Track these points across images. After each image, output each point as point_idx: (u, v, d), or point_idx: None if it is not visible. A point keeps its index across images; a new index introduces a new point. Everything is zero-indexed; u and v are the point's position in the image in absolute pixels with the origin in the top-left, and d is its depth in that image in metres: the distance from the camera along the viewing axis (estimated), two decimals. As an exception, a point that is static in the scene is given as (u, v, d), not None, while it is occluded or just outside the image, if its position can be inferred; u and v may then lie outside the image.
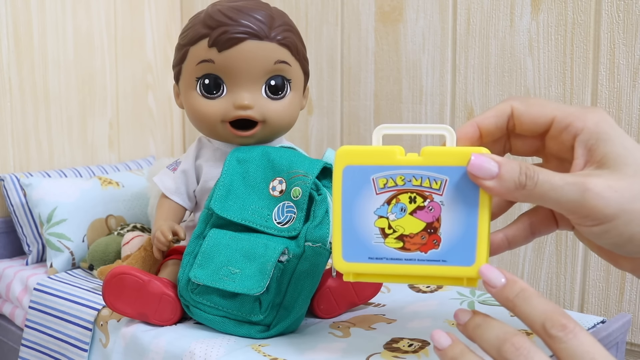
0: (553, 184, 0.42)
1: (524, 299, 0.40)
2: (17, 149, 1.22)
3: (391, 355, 0.64)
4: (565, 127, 0.45)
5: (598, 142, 0.44)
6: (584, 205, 0.42)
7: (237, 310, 0.70)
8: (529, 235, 0.51)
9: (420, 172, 0.47)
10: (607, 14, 0.90)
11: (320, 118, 1.26)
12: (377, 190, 0.47)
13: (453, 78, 1.07)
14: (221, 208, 0.73)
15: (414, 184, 0.47)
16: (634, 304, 0.92)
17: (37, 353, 0.94)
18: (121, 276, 0.73)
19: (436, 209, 0.47)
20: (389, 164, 0.47)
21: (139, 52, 1.42)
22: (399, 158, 0.47)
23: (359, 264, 0.49)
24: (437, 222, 0.47)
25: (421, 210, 0.47)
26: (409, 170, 0.47)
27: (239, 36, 0.75)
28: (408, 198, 0.47)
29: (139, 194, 1.17)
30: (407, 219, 0.47)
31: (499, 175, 0.43)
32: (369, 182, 0.48)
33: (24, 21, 1.21)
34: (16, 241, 1.19)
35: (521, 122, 0.48)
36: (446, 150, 0.47)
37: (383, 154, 0.47)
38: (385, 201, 0.47)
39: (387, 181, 0.47)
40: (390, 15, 1.14)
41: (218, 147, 0.83)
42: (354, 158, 0.48)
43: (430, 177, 0.46)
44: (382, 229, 0.48)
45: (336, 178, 0.48)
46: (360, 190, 0.48)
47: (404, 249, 0.48)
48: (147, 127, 1.45)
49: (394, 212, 0.47)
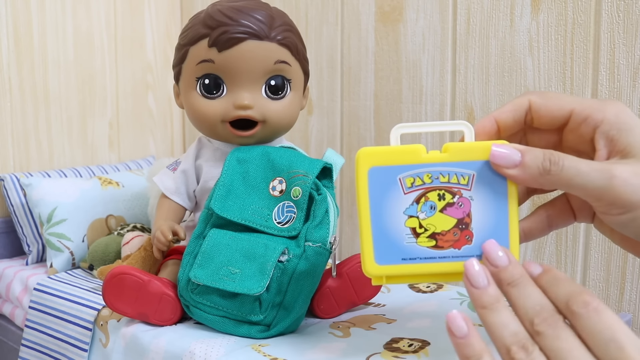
0: (579, 170, 0.42)
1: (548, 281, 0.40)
2: (17, 149, 1.22)
3: (391, 355, 0.64)
4: (584, 119, 0.45)
5: (620, 132, 0.44)
6: (610, 192, 0.42)
7: (237, 310, 0.70)
8: (545, 228, 0.51)
9: (447, 168, 0.46)
10: (607, 14, 0.90)
11: (320, 118, 1.26)
12: (405, 190, 0.47)
13: (453, 78, 1.07)
14: (221, 208, 0.73)
15: (442, 181, 0.46)
16: (634, 304, 0.92)
17: (37, 353, 0.94)
18: (121, 276, 0.73)
19: (466, 204, 0.46)
20: (414, 162, 0.46)
21: (139, 52, 1.42)
22: (424, 156, 0.47)
23: (392, 266, 0.48)
24: (467, 218, 0.47)
25: (451, 207, 0.47)
26: (435, 167, 0.46)
27: (239, 36, 0.75)
28: (437, 195, 0.47)
29: (139, 194, 1.17)
30: (437, 217, 0.47)
31: (522, 162, 0.43)
32: (396, 182, 0.47)
33: (24, 21, 1.21)
34: (16, 241, 1.19)
35: (539, 116, 0.48)
36: (470, 145, 0.46)
37: (407, 153, 0.47)
38: (414, 200, 0.47)
39: (415, 180, 0.47)
40: (390, 15, 1.14)
41: (218, 147, 0.83)
42: (378, 159, 0.47)
43: (458, 172, 0.46)
44: (413, 228, 0.47)
45: (361, 180, 0.47)
46: (387, 191, 0.47)
47: (437, 247, 0.47)
48: (147, 127, 1.45)
49: (423, 210, 0.47)
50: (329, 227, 0.72)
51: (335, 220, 0.74)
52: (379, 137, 1.18)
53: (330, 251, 0.72)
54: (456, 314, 0.40)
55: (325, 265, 0.72)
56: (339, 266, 0.77)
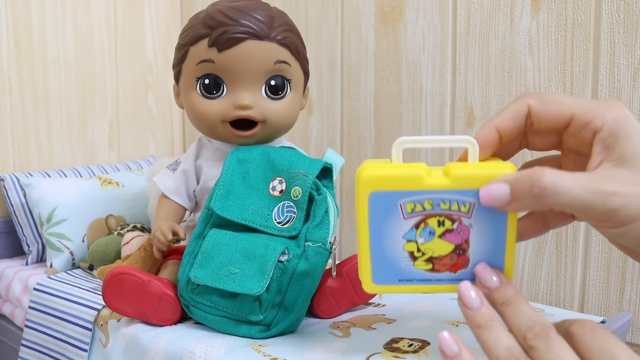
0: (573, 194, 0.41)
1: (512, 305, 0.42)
2: (17, 149, 1.22)
3: (391, 355, 0.64)
4: (585, 125, 0.45)
5: (617, 140, 0.43)
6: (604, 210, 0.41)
7: (237, 310, 0.70)
8: (542, 228, 0.51)
9: (448, 196, 0.46)
10: (607, 14, 0.90)
11: (320, 118, 1.26)
12: (405, 215, 0.47)
13: (453, 78, 1.07)
14: (221, 208, 0.73)
15: (442, 207, 0.46)
16: (634, 304, 0.92)
17: (37, 353, 0.94)
18: (121, 276, 0.73)
19: (465, 231, 0.47)
20: (416, 188, 0.46)
21: (139, 52, 1.42)
22: (426, 182, 0.46)
23: (389, 287, 0.49)
24: (465, 244, 0.47)
25: (450, 233, 0.47)
26: (437, 195, 0.46)
27: (239, 36, 0.75)
28: (437, 222, 0.47)
29: (139, 194, 1.17)
30: (436, 242, 0.47)
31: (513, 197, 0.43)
32: (397, 207, 0.47)
33: (24, 21, 1.21)
34: (16, 241, 1.19)
35: (539, 121, 0.47)
36: (473, 174, 0.46)
37: (409, 178, 0.46)
38: (413, 225, 0.47)
39: (415, 206, 0.46)
40: (390, 15, 1.14)
41: (218, 147, 0.83)
42: (379, 184, 0.46)
43: (459, 200, 0.46)
44: (411, 252, 0.48)
45: (361, 204, 0.47)
46: (387, 215, 0.47)
47: (434, 270, 0.48)
48: (147, 127, 1.45)
49: (422, 235, 0.47)
50: (329, 227, 0.72)
51: (335, 220, 0.74)
52: (379, 138, 1.18)
53: (330, 251, 0.72)
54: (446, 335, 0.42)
55: (325, 265, 0.72)
56: (339, 266, 0.77)
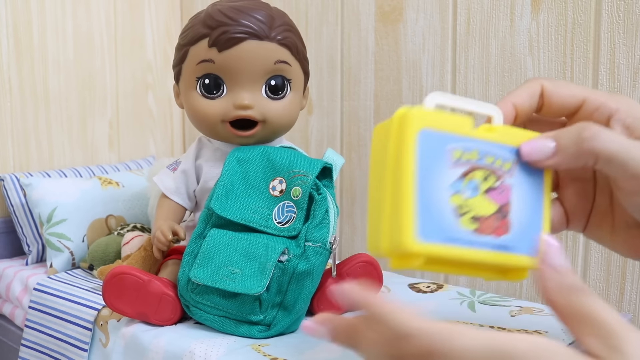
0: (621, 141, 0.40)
1: None
2: (17, 149, 1.22)
3: (391, 355, 0.64)
4: (597, 107, 0.45)
5: (636, 120, 0.43)
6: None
7: (237, 310, 0.70)
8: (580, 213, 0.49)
9: (493, 149, 0.41)
10: (607, 14, 0.90)
11: (320, 118, 1.26)
12: (452, 163, 0.40)
13: (453, 78, 1.07)
14: (221, 208, 0.73)
15: (487, 161, 0.41)
16: (634, 304, 0.92)
17: (37, 353, 0.94)
18: (121, 276, 0.73)
19: (506, 191, 0.42)
20: (465, 134, 0.41)
21: (139, 52, 1.42)
22: (474, 130, 0.41)
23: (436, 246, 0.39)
24: (507, 206, 0.42)
25: (494, 191, 0.41)
26: (483, 145, 0.41)
27: (239, 36, 0.75)
28: (483, 176, 0.41)
29: (139, 194, 1.17)
30: (479, 199, 0.41)
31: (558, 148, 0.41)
32: (444, 152, 0.40)
33: (24, 21, 1.21)
34: (16, 241, 1.19)
35: (550, 102, 0.46)
36: (515, 131, 0.43)
37: (459, 122, 0.41)
38: (461, 174, 0.40)
39: (462, 154, 0.40)
40: (390, 15, 1.14)
41: (218, 147, 0.83)
42: (431, 121, 0.40)
43: (503, 157, 0.42)
44: (459, 206, 0.40)
45: (407, 143, 0.39)
46: (435, 159, 0.40)
47: (479, 230, 0.41)
48: (147, 127, 1.45)
49: (468, 189, 0.41)
50: (329, 227, 0.72)
51: (335, 220, 0.74)
52: (379, 137, 1.18)
53: (330, 251, 0.72)
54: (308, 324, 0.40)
55: (325, 265, 0.72)
56: (339, 266, 0.77)
